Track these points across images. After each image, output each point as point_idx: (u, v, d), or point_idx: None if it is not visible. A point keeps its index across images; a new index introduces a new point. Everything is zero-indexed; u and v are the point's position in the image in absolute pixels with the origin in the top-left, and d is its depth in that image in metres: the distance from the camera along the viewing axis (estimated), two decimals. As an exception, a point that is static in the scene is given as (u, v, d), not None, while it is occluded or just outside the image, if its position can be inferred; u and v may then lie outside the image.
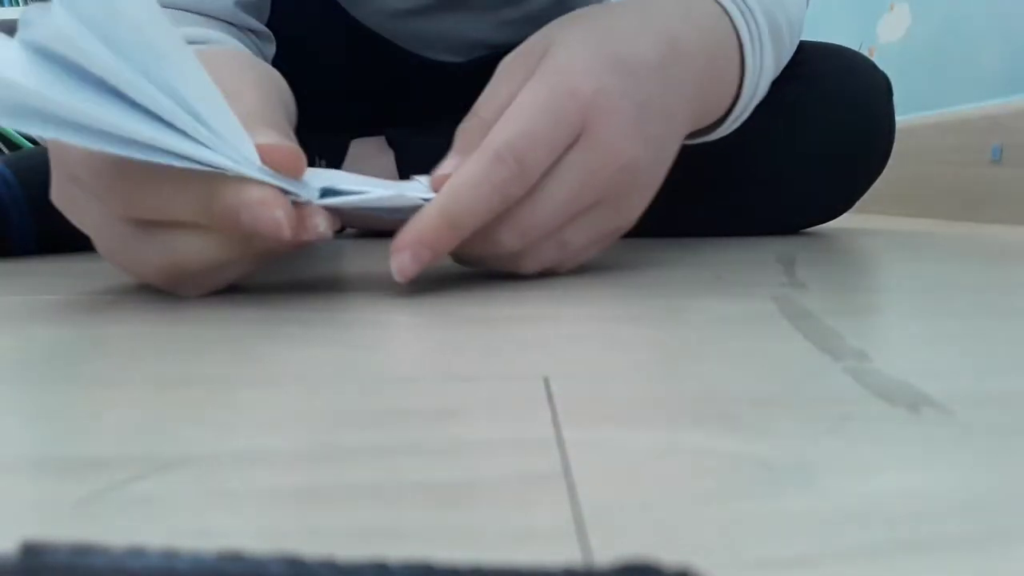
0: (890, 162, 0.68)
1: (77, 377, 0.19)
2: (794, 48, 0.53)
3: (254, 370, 0.20)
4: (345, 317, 0.27)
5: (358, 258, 0.50)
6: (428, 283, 0.35)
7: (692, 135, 0.46)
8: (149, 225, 0.28)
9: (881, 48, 1.29)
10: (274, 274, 0.39)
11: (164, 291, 0.31)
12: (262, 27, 0.52)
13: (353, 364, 0.20)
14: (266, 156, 0.27)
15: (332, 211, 0.29)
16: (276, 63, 0.46)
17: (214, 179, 0.26)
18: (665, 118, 0.36)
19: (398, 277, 0.31)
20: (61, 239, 0.53)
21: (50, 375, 0.19)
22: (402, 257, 0.30)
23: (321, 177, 0.31)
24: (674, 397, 0.17)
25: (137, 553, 0.08)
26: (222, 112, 0.27)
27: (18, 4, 1.81)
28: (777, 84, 0.49)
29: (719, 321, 0.26)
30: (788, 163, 0.63)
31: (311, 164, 0.30)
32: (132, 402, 0.17)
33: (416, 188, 0.33)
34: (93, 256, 0.46)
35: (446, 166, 0.34)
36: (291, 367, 0.20)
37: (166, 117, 0.26)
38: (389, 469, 0.13)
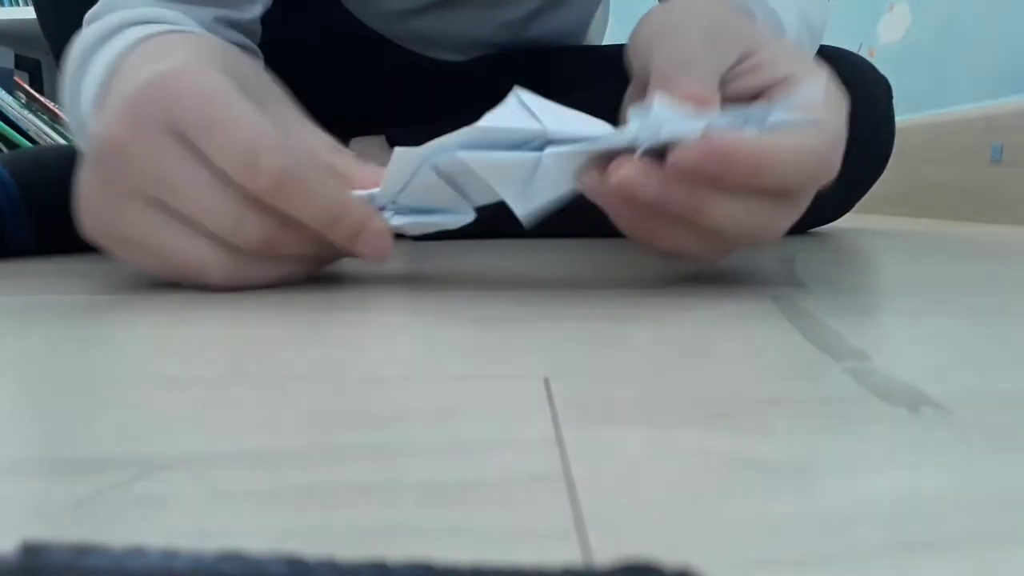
0: (890, 162, 0.68)
1: (77, 377, 0.19)
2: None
3: (254, 370, 0.20)
4: (345, 317, 0.27)
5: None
6: (428, 283, 0.35)
7: None
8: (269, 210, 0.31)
9: (881, 49, 1.29)
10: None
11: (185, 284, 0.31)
12: (246, 41, 0.51)
13: (353, 364, 0.20)
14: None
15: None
16: (277, 61, 0.46)
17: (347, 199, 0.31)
18: None
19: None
20: (60, 239, 0.53)
21: (50, 375, 0.19)
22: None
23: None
24: (674, 397, 0.17)
25: (137, 553, 0.08)
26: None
27: (18, 4, 1.81)
28: None
29: (719, 321, 0.26)
30: None
31: None
32: (132, 402, 0.17)
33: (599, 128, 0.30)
34: (93, 256, 0.46)
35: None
36: (291, 367, 0.20)
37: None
38: (389, 469, 0.13)
